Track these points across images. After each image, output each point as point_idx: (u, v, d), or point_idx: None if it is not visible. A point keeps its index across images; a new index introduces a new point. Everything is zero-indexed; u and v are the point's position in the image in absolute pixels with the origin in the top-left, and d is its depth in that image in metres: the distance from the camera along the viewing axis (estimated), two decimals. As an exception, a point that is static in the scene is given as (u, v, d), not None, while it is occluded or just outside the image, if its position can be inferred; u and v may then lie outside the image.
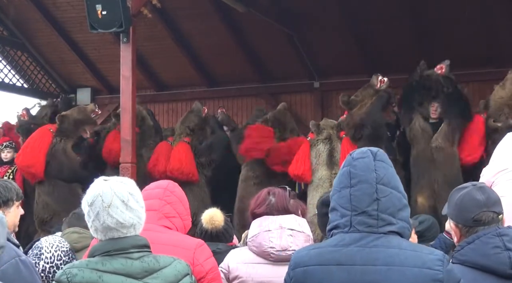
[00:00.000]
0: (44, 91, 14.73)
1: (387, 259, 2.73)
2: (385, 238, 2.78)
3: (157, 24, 12.78)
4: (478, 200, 3.24)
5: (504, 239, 3.14)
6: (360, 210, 2.80)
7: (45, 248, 5.41)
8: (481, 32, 12.09)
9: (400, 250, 2.76)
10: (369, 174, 2.82)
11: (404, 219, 2.84)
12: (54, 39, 13.84)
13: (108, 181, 3.05)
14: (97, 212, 2.98)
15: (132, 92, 9.28)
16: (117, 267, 2.94)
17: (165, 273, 3.03)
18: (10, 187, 4.16)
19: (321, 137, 9.47)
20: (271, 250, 4.00)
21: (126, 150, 9.18)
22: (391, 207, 2.81)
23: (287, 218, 4.06)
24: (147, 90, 14.44)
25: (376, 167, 2.84)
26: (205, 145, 10.69)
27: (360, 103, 9.51)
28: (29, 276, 3.43)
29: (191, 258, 3.55)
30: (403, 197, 2.87)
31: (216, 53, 13.51)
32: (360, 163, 2.85)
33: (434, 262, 2.73)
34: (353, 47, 12.81)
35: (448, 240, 5.59)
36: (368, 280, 2.72)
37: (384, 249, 2.75)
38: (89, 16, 8.96)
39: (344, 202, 2.84)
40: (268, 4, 12.44)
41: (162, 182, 3.99)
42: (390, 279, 2.70)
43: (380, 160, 2.87)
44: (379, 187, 2.81)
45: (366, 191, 2.81)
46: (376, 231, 2.78)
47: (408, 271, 2.71)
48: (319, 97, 13.86)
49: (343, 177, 2.88)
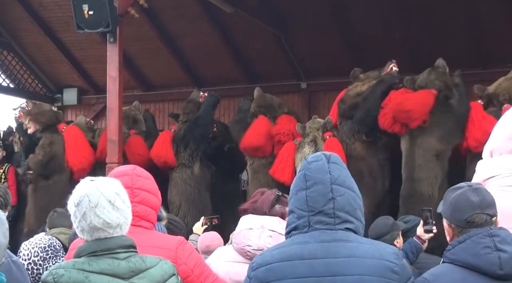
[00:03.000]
0: (30, 91, 14.69)
1: (347, 252, 2.83)
2: (343, 233, 2.87)
3: (144, 24, 12.76)
4: (472, 201, 3.23)
5: (495, 240, 3.14)
6: (317, 210, 2.89)
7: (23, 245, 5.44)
8: (468, 33, 12.14)
9: (359, 244, 2.86)
10: (323, 175, 2.91)
11: (360, 219, 2.94)
12: (40, 39, 13.80)
13: (94, 181, 3.03)
14: (84, 212, 2.96)
15: (119, 92, 9.27)
16: (104, 267, 2.93)
17: (151, 273, 3.03)
18: (9, 192, 4.24)
19: (307, 140, 9.46)
20: (247, 248, 4.01)
21: (112, 150, 9.17)
22: (347, 205, 2.90)
23: (271, 219, 4.05)
24: (134, 91, 14.42)
25: (330, 169, 2.93)
26: (188, 124, 10.50)
27: (357, 82, 9.48)
28: (21, 276, 3.46)
29: (174, 258, 3.53)
30: (357, 197, 2.97)
31: (204, 54, 13.51)
32: (315, 166, 2.95)
33: (391, 255, 2.85)
34: (340, 48, 12.83)
35: (419, 245, 5.71)
36: (331, 271, 2.81)
37: (343, 243, 2.85)
38: (76, 16, 8.94)
39: (301, 204, 2.92)
40: (256, 5, 12.44)
41: (127, 169, 3.74)
42: (351, 269, 2.80)
43: (334, 162, 2.96)
44: (334, 187, 2.90)
45: (321, 191, 2.90)
46: (334, 228, 2.88)
47: (368, 261, 2.81)
48: (306, 98, 13.88)
49: (299, 180, 2.97)
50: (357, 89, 9.41)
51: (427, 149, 8.76)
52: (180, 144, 10.25)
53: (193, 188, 10.21)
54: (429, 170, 8.71)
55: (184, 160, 10.24)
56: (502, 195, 3.57)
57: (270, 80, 13.88)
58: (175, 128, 10.64)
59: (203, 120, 10.38)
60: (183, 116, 10.70)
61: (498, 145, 4.02)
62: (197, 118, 10.38)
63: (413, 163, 8.80)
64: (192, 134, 10.28)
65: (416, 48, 12.47)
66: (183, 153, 10.24)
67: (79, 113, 14.45)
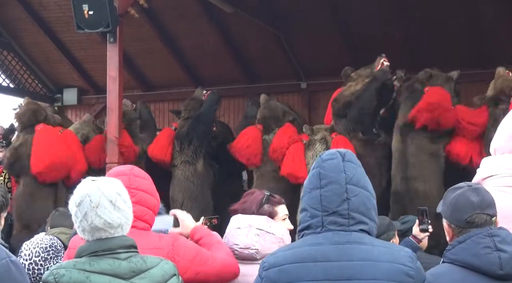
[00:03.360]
0: (30, 91, 14.66)
1: (361, 255, 2.79)
2: (357, 235, 2.84)
3: (144, 24, 12.75)
4: (472, 201, 3.24)
5: (495, 240, 3.15)
6: (331, 210, 2.86)
7: (25, 245, 5.43)
8: (468, 33, 12.14)
9: (373, 247, 2.83)
10: (338, 175, 2.88)
11: (374, 219, 2.92)
12: (40, 39, 13.79)
13: (96, 181, 3.04)
14: (85, 212, 2.97)
15: (119, 92, 9.27)
16: (105, 267, 2.94)
17: (152, 274, 3.03)
18: (7, 192, 4.14)
19: (317, 137, 9.43)
20: (235, 247, 4.02)
21: (112, 150, 9.18)
22: (362, 206, 2.87)
23: (259, 218, 4.06)
24: (134, 91, 14.41)
25: (345, 168, 2.89)
26: (190, 121, 10.40)
27: (351, 83, 9.45)
28: (20, 276, 3.45)
29: (172, 256, 3.53)
30: (372, 196, 2.94)
31: (203, 54, 13.50)
32: (329, 164, 2.91)
33: (406, 258, 2.82)
34: (340, 48, 12.83)
35: (415, 244, 5.71)
36: (345, 274, 2.77)
37: (358, 246, 2.82)
38: (76, 16, 8.94)
39: (315, 203, 2.89)
40: (256, 5, 12.44)
41: (125, 169, 3.77)
42: (365, 273, 2.76)
43: (349, 161, 2.92)
44: (349, 187, 2.87)
45: (336, 191, 2.86)
46: (348, 229, 2.84)
47: (382, 265, 2.77)
48: (306, 98, 13.88)
49: (313, 178, 2.94)
50: (351, 89, 9.36)
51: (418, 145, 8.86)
52: (183, 141, 10.19)
53: (196, 185, 10.14)
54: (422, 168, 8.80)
55: (188, 157, 10.16)
56: (498, 196, 3.57)
57: (270, 80, 13.89)
58: (176, 126, 10.61)
59: (205, 117, 10.32)
60: (185, 113, 10.63)
61: (500, 144, 4.03)
62: (199, 115, 10.32)
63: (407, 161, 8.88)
64: (195, 131, 10.19)
65: (416, 48, 12.47)
66: (186, 150, 10.15)
67: (79, 113, 14.48)
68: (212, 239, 3.99)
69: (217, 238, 4.05)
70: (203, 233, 4.06)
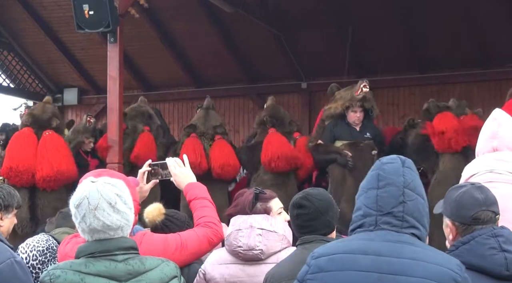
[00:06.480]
0: (30, 91, 14.68)
1: (412, 254, 2.79)
2: (409, 237, 2.85)
3: (145, 24, 12.75)
4: (477, 198, 3.26)
5: (500, 240, 3.16)
6: (386, 211, 2.86)
7: (21, 248, 5.41)
8: (469, 34, 12.13)
9: (424, 249, 2.83)
10: (397, 178, 2.89)
11: (426, 227, 2.92)
12: (41, 39, 13.79)
13: (95, 182, 3.01)
14: (84, 214, 2.95)
15: (119, 92, 9.26)
16: (100, 269, 2.92)
17: (150, 276, 3.00)
18: (13, 194, 4.27)
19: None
20: (239, 249, 4.00)
21: (113, 150, 9.17)
22: (416, 211, 2.87)
23: (258, 217, 4.05)
24: (135, 91, 14.40)
25: (404, 172, 2.90)
26: None
27: (331, 105, 9.68)
28: (24, 276, 3.47)
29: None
30: (426, 205, 2.94)
31: (204, 54, 13.51)
32: (389, 167, 2.92)
33: (455, 266, 2.81)
34: (340, 48, 12.83)
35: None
36: (393, 270, 2.77)
37: (409, 246, 2.82)
38: (76, 16, 8.93)
39: (370, 202, 2.90)
40: (256, 5, 12.44)
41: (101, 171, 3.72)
42: (414, 271, 2.76)
43: (408, 167, 2.93)
44: (406, 191, 2.87)
45: (393, 193, 2.87)
46: (400, 231, 2.85)
47: (431, 266, 2.77)
48: (306, 98, 13.88)
49: (371, 179, 2.94)
50: (331, 111, 9.61)
51: None
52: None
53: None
54: None
55: None
56: None
57: (270, 80, 13.89)
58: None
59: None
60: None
61: (481, 146, 4.17)
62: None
63: None
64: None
65: (416, 48, 12.47)
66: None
67: (79, 113, 14.49)
68: (203, 203, 4.03)
69: (208, 202, 4.06)
70: (196, 194, 4.08)
